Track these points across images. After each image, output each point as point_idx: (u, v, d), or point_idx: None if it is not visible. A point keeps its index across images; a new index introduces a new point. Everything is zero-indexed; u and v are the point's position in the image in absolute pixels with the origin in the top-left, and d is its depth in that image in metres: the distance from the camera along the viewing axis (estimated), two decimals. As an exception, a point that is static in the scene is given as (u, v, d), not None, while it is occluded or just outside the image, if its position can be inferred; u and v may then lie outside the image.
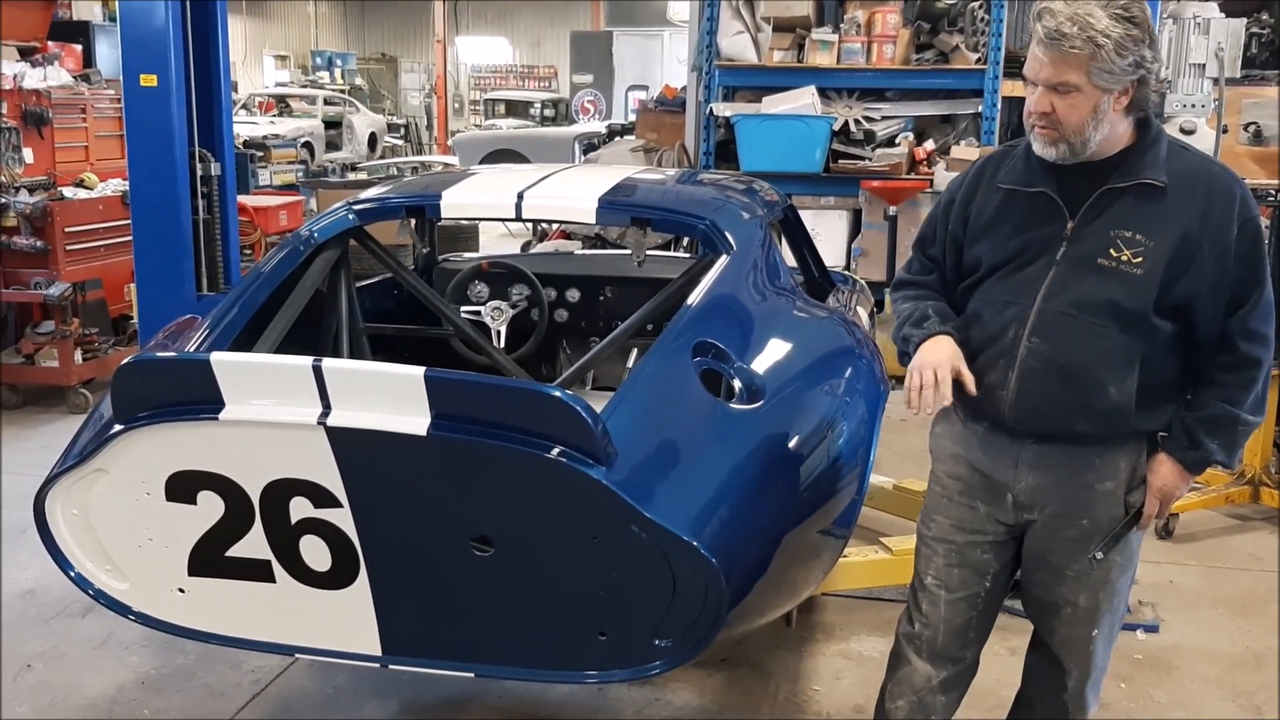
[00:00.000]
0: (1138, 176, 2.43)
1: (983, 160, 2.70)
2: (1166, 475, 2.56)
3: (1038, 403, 2.51)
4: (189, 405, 2.61)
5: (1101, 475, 2.56)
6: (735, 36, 8.06)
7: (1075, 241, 2.47)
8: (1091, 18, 2.29)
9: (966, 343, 2.59)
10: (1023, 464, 2.59)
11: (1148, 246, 2.41)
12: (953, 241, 2.68)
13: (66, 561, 2.92)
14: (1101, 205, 2.45)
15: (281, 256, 3.76)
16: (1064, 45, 2.31)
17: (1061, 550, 2.62)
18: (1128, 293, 2.42)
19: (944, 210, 2.72)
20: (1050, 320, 2.48)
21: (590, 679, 2.77)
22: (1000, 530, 2.68)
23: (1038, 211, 2.51)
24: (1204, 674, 4.02)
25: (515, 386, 2.89)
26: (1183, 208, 2.41)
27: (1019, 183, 2.55)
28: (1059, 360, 2.47)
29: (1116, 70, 2.32)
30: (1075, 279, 2.46)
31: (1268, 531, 5.31)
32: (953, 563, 2.72)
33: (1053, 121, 2.39)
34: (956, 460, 2.71)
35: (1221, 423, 2.51)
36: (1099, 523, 2.58)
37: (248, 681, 3.77)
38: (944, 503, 2.73)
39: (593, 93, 24.36)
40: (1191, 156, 2.50)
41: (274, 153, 16.34)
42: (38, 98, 8.13)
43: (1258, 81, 7.13)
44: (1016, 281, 2.53)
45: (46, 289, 6.75)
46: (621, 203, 3.76)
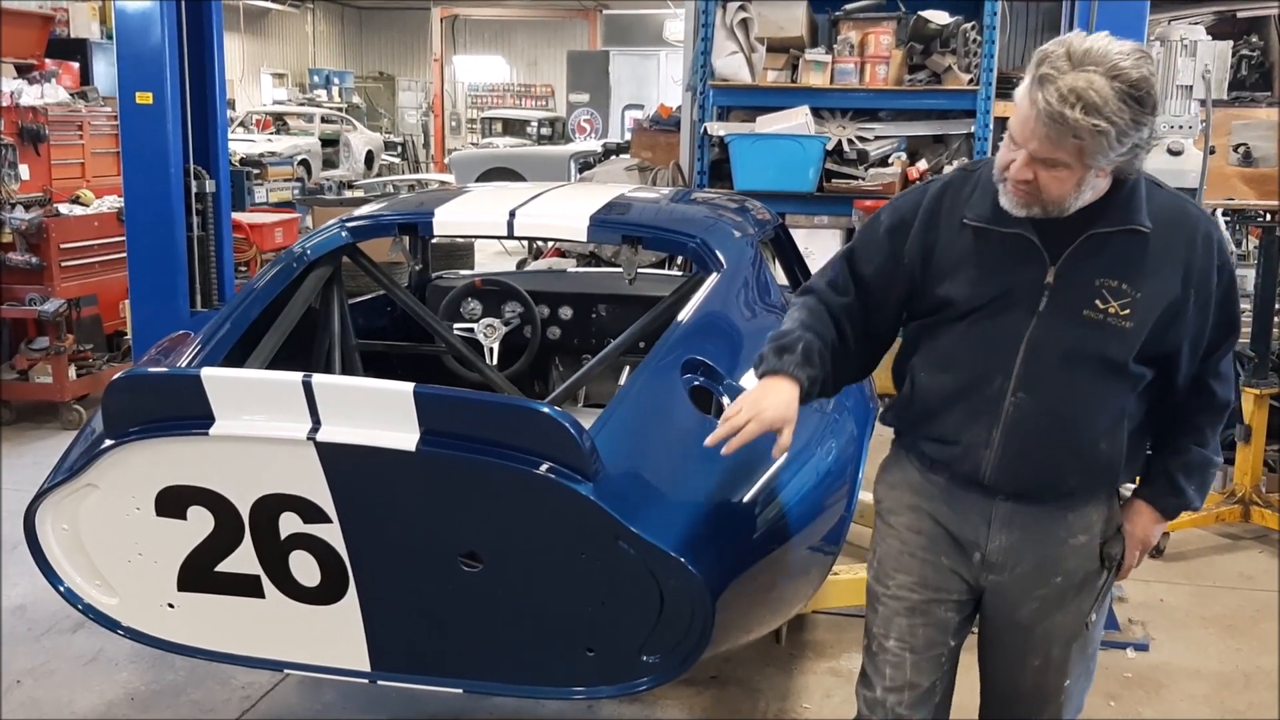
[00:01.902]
0: (1124, 222, 2.26)
1: (940, 185, 2.44)
2: (1146, 524, 2.50)
3: (1026, 461, 2.35)
4: (179, 420, 2.62)
5: (1075, 530, 2.43)
6: (729, 57, 8.10)
7: (1058, 290, 2.28)
8: (1098, 97, 2.05)
9: (932, 393, 2.42)
10: (996, 521, 2.42)
11: (1135, 298, 2.26)
12: (905, 273, 2.42)
13: (56, 576, 2.92)
14: (1085, 252, 2.27)
15: (275, 273, 3.77)
16: (1065, 128, 2.08)
17: (1033, 609, 2.46)
18: (1116, 347, 2.29)
19: (890, 233, 2.45)
20: (1037, 375, 2.30)
21: (578, 695, 2.78)
22: (964, 588, 2.50)
23: (1014, 254, 2.30)
24: (1193, 692, 4.02)
25: (503, 402, 2.90)
26: (1167, 255, 2.27)
27: (990, 220, 2.31)
28: (1048, 417, 2.32)
29: (1115, 153, 2.13)
30: (1060, 331, 2.29)
31: (1258, 550, 5.33)
32: (917, 622, 2.50)
33: (1032, 189, 2.20)
34: (917, 513, 2.50)
35: (1198, 467, 2.46)
36: (1073, 578, 2.45)
37: (237, 698, 3.77)
38: (904, 558, 2.52)
39: (589, 111, 24.42)
40: (1166, 195, 2.34)
41: (270, 170, 16.35)
42: (34, 114, 8.16)
43: (1247, 103, 7.17)
44: (994, 330, 2.33)
45: (41, 305, 6.75)
46: (613, 221, 3.79)
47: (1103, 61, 2.07)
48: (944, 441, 2.42)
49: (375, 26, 33.96)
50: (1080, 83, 2.06)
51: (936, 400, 2.42)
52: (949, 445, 2.41)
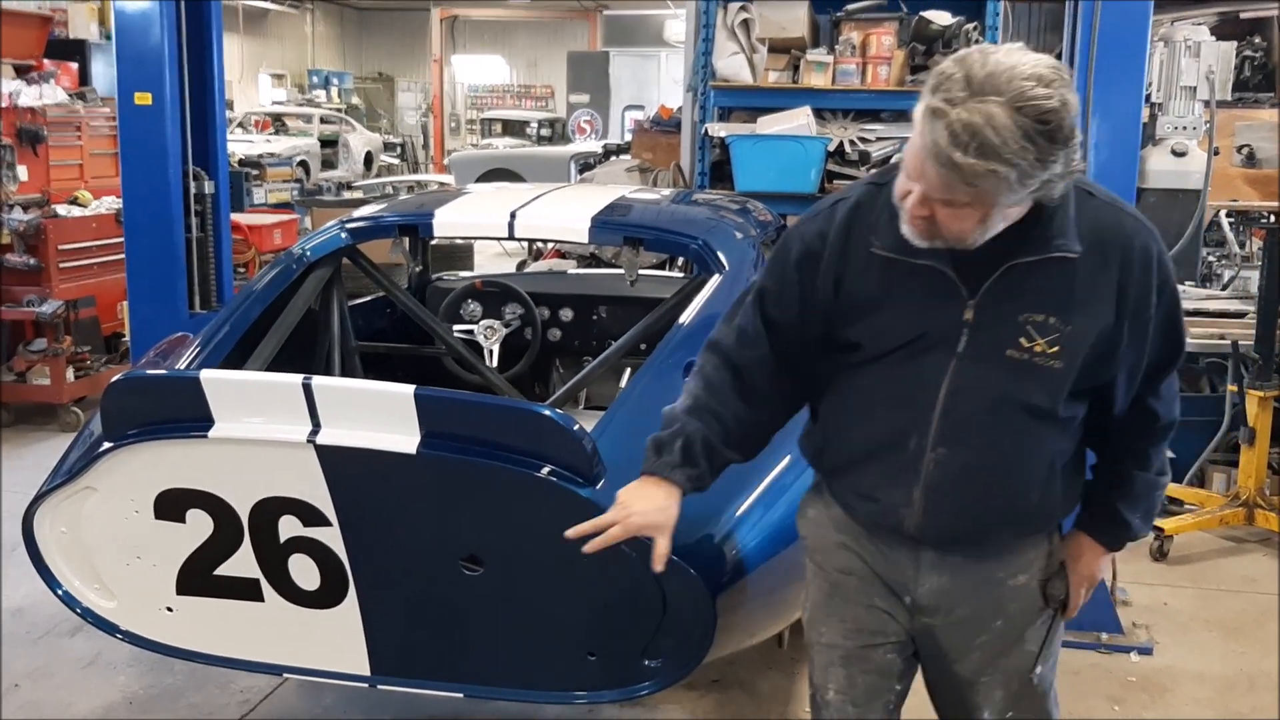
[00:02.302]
0: (1048, 248, 1.97)
1: (850, 207, 2.13)
2: (1091, 561, 2.29)
3: (951, 518, 2.13)
4: (178, 423, 2.61)
5: (1013, 569, 2.20)
6: (731, 58, 8.09)
7: (978, 328, 2.02)
8: (996, 136, 1.76)
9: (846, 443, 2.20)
10: (924, 566, 2.19)
11: (1063, 332, 2.00)
12: (821, 311, 2.14)
13: (55, 579, 2.91)
14: (1006, 283, 2.00)
15: (274, 275, 3.76)
16: (955, 174, 1.80)
17: (975, 661, 2.23)
18: (1043, 392, 2.04)
19: (799, 263, 2.16)
20: (957, 428, 2.06)
21: (580, 699, 2.76)
22: (901, 629, 2.26)
23: (928, 289, 2.03)
24: (1197, 696, 4.01)
25: (505, 405, 2.89)
26: (1099, 279, 2.01)
27: (900, 250, 2.02)
28: (973, 473, 2.08)
29: (1016, 197, 1.86)
30: (982, 375, 2.04)
31: (1262, 553, 5.31)
32: (854, 671, 2.27)
33: (931, 225, 1.93)
34: (845, 552, 2.26)
35: (1142, 494, 2.25)
36: (1014, 621, 2.21)
37: (236, 702, 3.75)
38: (835, 603, 2.28)
39: (589, 112, 24.41)
40: (1099, 206, 2.05)
41: (269, 171, 16.34)
42: (33, 115, 8.13)
43: (1251, 104, 7.16)
44: (909, 376, 2.07)
45: (39, 306, 6.74)
46: (614, 222, 3.77)
47: (1006, 89, 1.77)
48: (861, 495, 2.20)
49: (374, 27, 33.94)
50: (976, 118, 1.76)
51: (850, 454, 2.19)
52: (867, 500, 2.19)
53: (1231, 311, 5.83)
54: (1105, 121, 4.18)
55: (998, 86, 1.77)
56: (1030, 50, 1.85)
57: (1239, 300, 6.10)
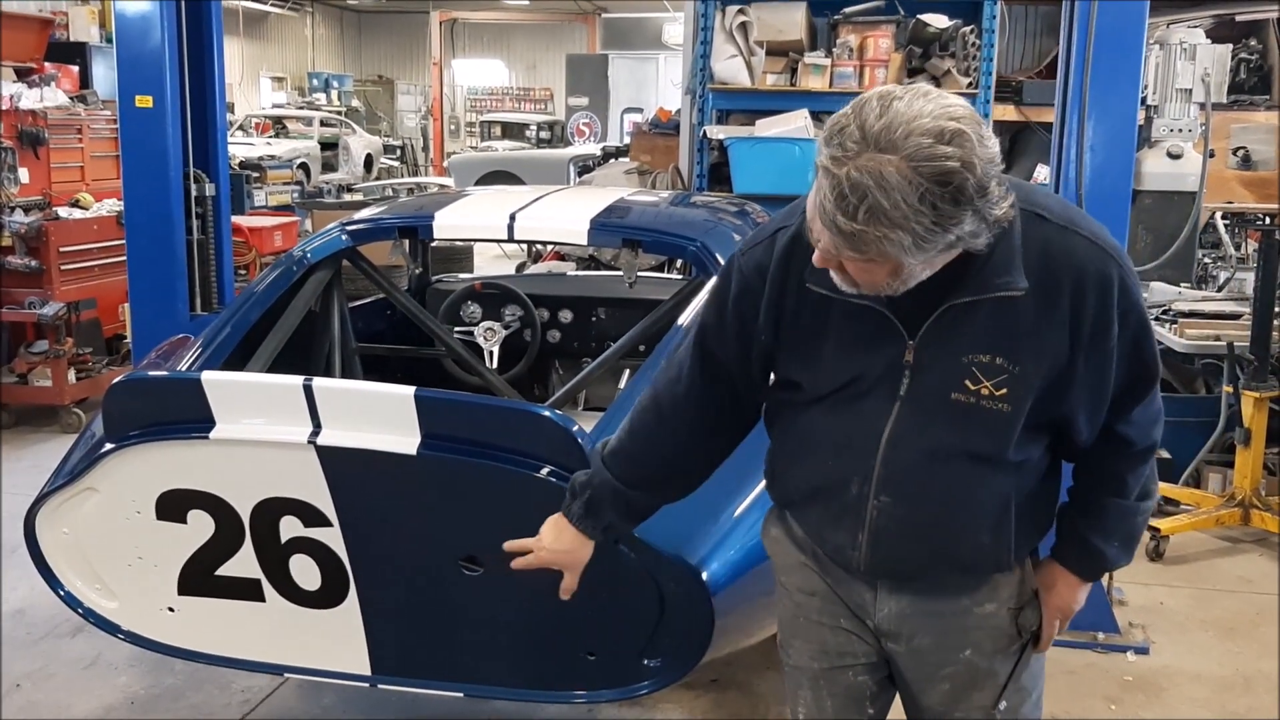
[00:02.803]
0: (990, 287, 1.81)
1: (787, 240, 1.96)
2: (1064, 591, 2.14)
3: (900, 564, 2.02)
4: (180, 424, 2.63)
5: (980, 599, 2.06)
6: (728, 60, 8.11)
7: (919, 370, 1.89)
8: (886, 198, 1.59)
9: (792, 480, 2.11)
10: (881, 590, 2.08)
11: (1012, 373, 1.86)
12: (760, 352, 2.05)
13: (56, 580, 2.93)
14: (947, 323, 1.85)
15: (274, 277, 3.78)
16: (845, 239, 1.66)
17: (945, 693, 2.10)
18: (991, 437, 1.90)
19: (737, 300, 2.04)
20: (901, 474, 1.93)
21: (579, 699, 2.78)
22: (872, 650, 2.15)
23: (867, 329, 1.90)
24: (1193, 696, 4.02)
25: (504, 406, 2.91)
26: (1049, 313, 1.84)
27: (834, 287, 1.85)
28: (918, 521, 1.96)
29: (923, 256, 1.69)
30: (925, 421, 1.91)
31: (1258, 554, 5.33)
32: (822, 694, 2.18)
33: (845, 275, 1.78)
34: (807, 573, 2.16)
35: (1116, 521, 2.09)
36: (983, 651, 2.07)
37: (237, 702, 3.77)
38: (800, 623, 2.19)
39: (588, 115, 24.43)
40: (1052, 230, 1.85)
41: (270, 174, 16.36)
42: (34, 118, 8.15)
43: (1246, 106, 7.18)
44: (849, 418, 1.96)
45: (40, 308, 6.75)
46: (613, 224, 3.79)
47: (902, 144, 1.59)
48: (809, 532, 2.12)
49: (374, 30, 33.97)
50: (866, 179, 1.60)
51: (795, 493, 2.11)
52: (816, 539, 2.11)
53: (1227, 313, 5.85)
54: (1101, 124, 4.19)
55: (893, 141, 1.60)
56: (941, 95, 1.66)
57: (1234, 302, 6.12)
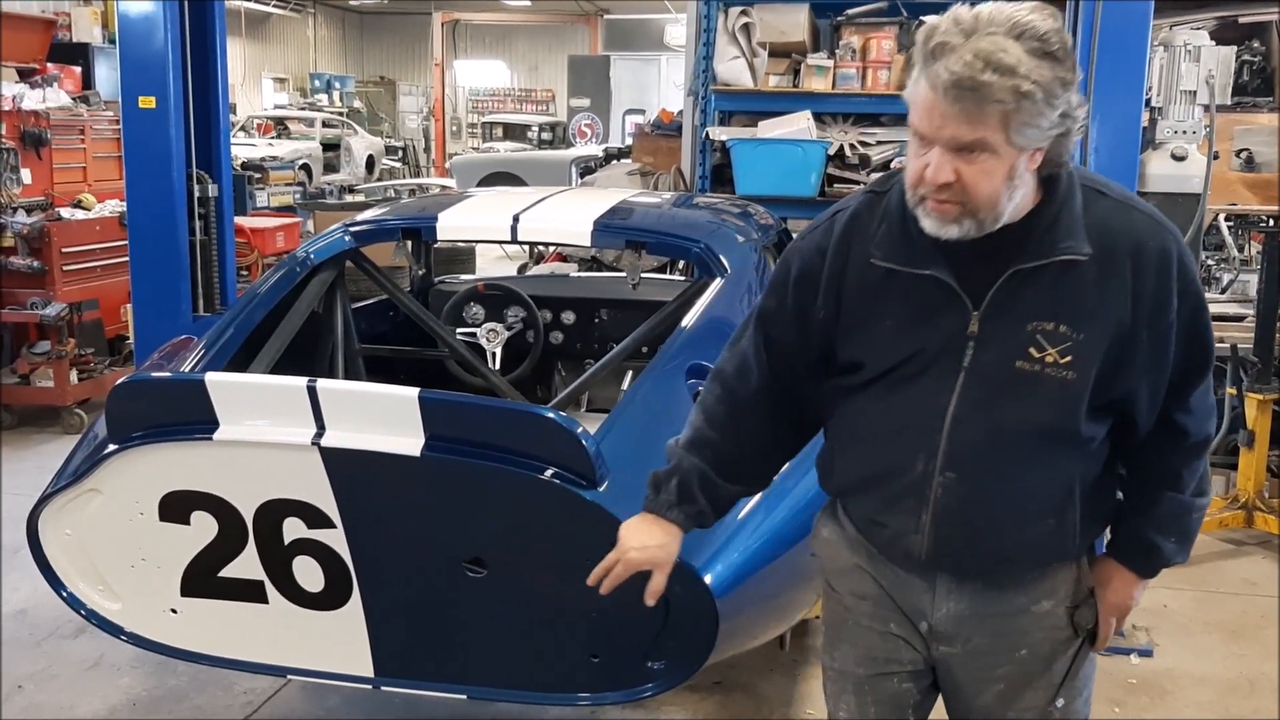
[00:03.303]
0: (1054, 252, 1.87)
1: (849, 217, 2.03)
2: (1120, 589, 2.13)
3: (963, 548, 2.00)
4: (183, 425, 2.62)
5: (1036, 596, 2.06)
6: (731, 62, 8.11)
7: (984, 341, 1.90)
8: (1008, 57, 1.70)
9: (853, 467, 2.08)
10: (940, 589, 2.06)
11: (1076, 340, 1.88)
12: (821, 330, 2.04)
13: (59, 581, 2.92)
14: (1012, 290, 1.89)
15: (277, 278, 3.77)
16: (981, 95, 1.71)
17: (999, 694, 2.09)
18: (1059, 404, 1.91)
19: (797, 283, 2.07)
20: (967, 450, 1.93)
21: (583, 701, 2.77)
22: (918, 657, 2.14)
23: (929, 301, 1.92)
24: (1197, 699, 4.01)
25: (508, 408, 2.90)
26: (1111, 282, 1.88)
27: (899, 261, 1.93)
28: (985, 500, 1.95)
29: (1044, 123, 1.76)
30: (992, 392, 1.91)
31: (1261, 556, 5.32)
32: (866, 700, 2.18)
33: (956, 193, 1.80)
34: (860, 575, 2.15)
35: (1174, 517, 2.08)
36: (1038, 651, 2.07)
37: (240, 703, 3.76)
38: (848, 628, 2.18)
39: (590, 116, 24.43)
40: (1110, 205, 1.92)
41: (272, 174, 16.36)
42: (36, 119, 8.16)
43: (1250, 108, 7.17)
44: (912, 396, 1.96)
45: (43, 309, 6.75)
46: (616, 226, 3.79)
47: (1001, 22, 1.74)
48: (868, 521, 2.09)
49: (376, 31, 33.98)
50: (983, 46, 1.71)
51: (855, 480, 2.09)
52: (875, 527, 2.08)
53: (1230, 315, 5.84)
54: (1105, 125, 4.19)
55: (992, 22, 1.73)
56: None
57: (1238, 304, 6.11)
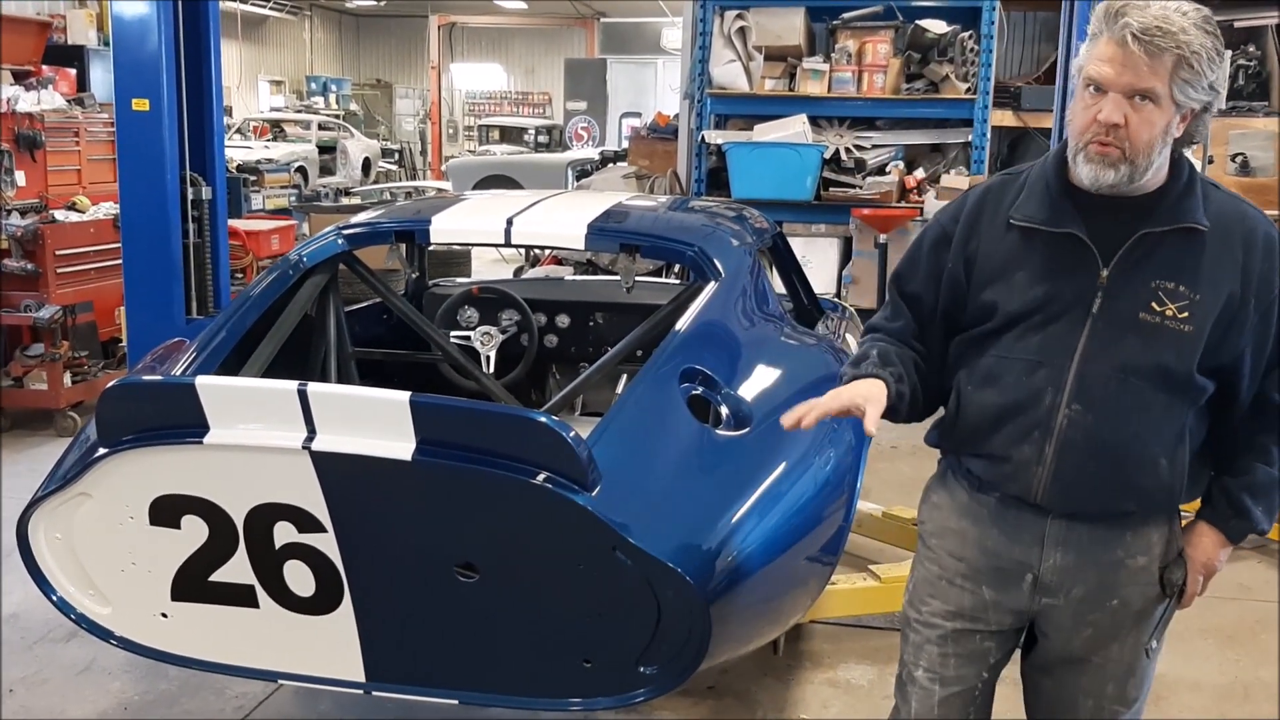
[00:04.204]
0: (1179, 220, 2.15)
1: (981, 191, 2.36)
2: (1209, 548, 2.32)
3: (1080, 481, 2.21)
4: (174, 429, 2.61)
5: (1133, 551, 2.27)
6: (727, 65, 8.12)
7: (1112, 293, 2.17)
8: (1183, 20, 2.04)
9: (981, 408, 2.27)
10: (1049, 541, 2.27)
11: (1193, 300, 2.14)
12: (950, 283, 2.32)
13: (49, 585, 2.90)
14: (1140, 251, 2.16)
15: (270, 280, 3.76)
16: (1160, 44, 2.02)
17: (1087, 638, 2.32)
18: (1176, 353, 2.15)
19: (933, 246, 2.36)
20: (1093, 385, 2.17)
21: (575, 706, 2.75)
22: (1007, 619, 2.35)
23: (1064, 256, 2.19)
24: (1192, 704, 4.00)
25: (500, 412, 2.89)
26: (1224, 256, 2.17)
27: (1039, 221, 2.21)
28: (1105, 433, 2.17)
29: (1200, 85, 2.07)
30: (1117, 337, 2.16)
31: (1257, 561, 5.31)
32: (948, 651, 2.38)
33: (1120, 137, 2.07)
34: (962, 539, 2.36)
35: (1265, 488, 2.28)
36: (1129, 604, 2.29)
37: (231, 708, 3.75)
38: (941, 584, 2.38)
39: (586, 119, 24.42)
40: (1223, 196, 2.24)
41: (267, 177, 16.29)
42: (31, 121, 8.15)
43: (1245, 113, 7.18)
44: (1045, 338, 2.20)
45: (37, 311, 6.73)
46: (611, 229, 3.78)
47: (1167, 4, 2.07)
48: (992, 459, 2.27)
49: (373, 34, 33.96)
50: (1157, 11, 2.05)
51: (985, 417, 2.27)
52: (998, 463, 2.27)
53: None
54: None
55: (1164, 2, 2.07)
56: None
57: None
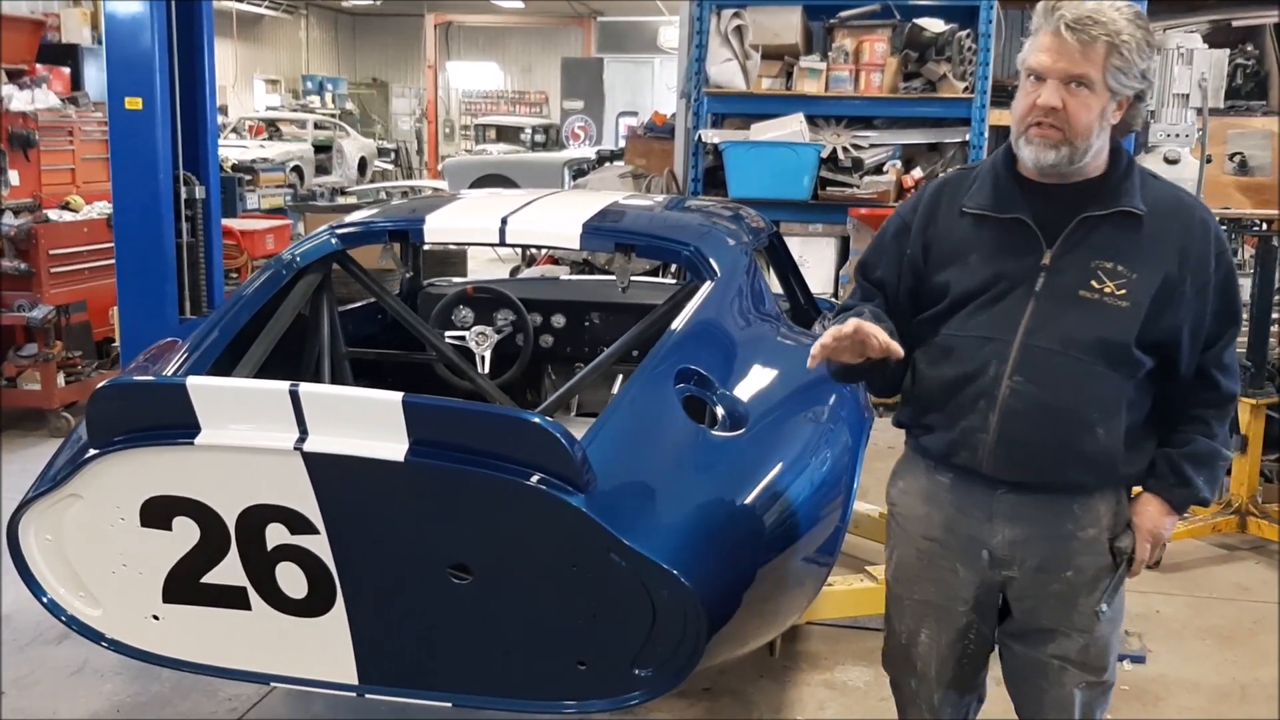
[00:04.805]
0: (1117, 204, 2.33)
1: (938, 183, 2.56)
2: (1155, 516, 2.47)
3: (1021, 448, 2.37)
4: (165, 430, 2.59)
5: (1083, 523, 2.43)
6: (724, 64, 8.10)
7: (1054, 272, 2.34)
8: (1113, 13, 2.23)
9: (935, 381, 2.46)
10: (998, 516, 2.45)
11: (1130, 279, 2.31)
12: (910, 268, 2.51)
13: (39, 587, 2.88)
14: (1080, 234, 2.34)
15: (263, 280, 3.73)
16: (1091, 33, 2.20)
17: (1050, 608, 2.49)
18: (1114, 327, 2.32)
19: (895, 236, 2.56)
20: (1034, 357, 2.34)
21: (569, 709, 2.73)
22: (980, 592, 2.54)
23: (1011, 239, 2.38)
24: (1190, 705, 3.99)
25: (494, 412, 2.87)
26: (1162, 239, 2.33)
27: (988, 207, 2.40)
28: (1045, 401, 2.34)
29: (1131, 73, 2.25)
30: (1058, 312, 2.33)
31: (1254, 561, 5.31)
32: (944, 624, 2.60)
33: (1060, 120, 2.25)
34: (929, 521, 2.55)
35: (1206, 458, 2.45)
36: (1084, 573, 2.45)
37: (224, 710, 3.73)
38: (925, 565, 2.58)
39: (583, 118, 24.40)
40: (1163, 185, 2.43)
41: (262, 176, 16.31)
42: (24, 120, 8.12)
43: (1243, 112, 7.17)
44: (992, 315, 2.38)
45: (30, 311, 6.71)
46: (606, 228, 3.76)
47: None
48: (943, 430, 2.45)
49: (368, 33, 33.92)
50: (1094, 5, 2.23)
51: (936, 389, 2.46)
52: (948, 433, 2.44)
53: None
54: (1098, 129, 4.17)
55: None
56: None
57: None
